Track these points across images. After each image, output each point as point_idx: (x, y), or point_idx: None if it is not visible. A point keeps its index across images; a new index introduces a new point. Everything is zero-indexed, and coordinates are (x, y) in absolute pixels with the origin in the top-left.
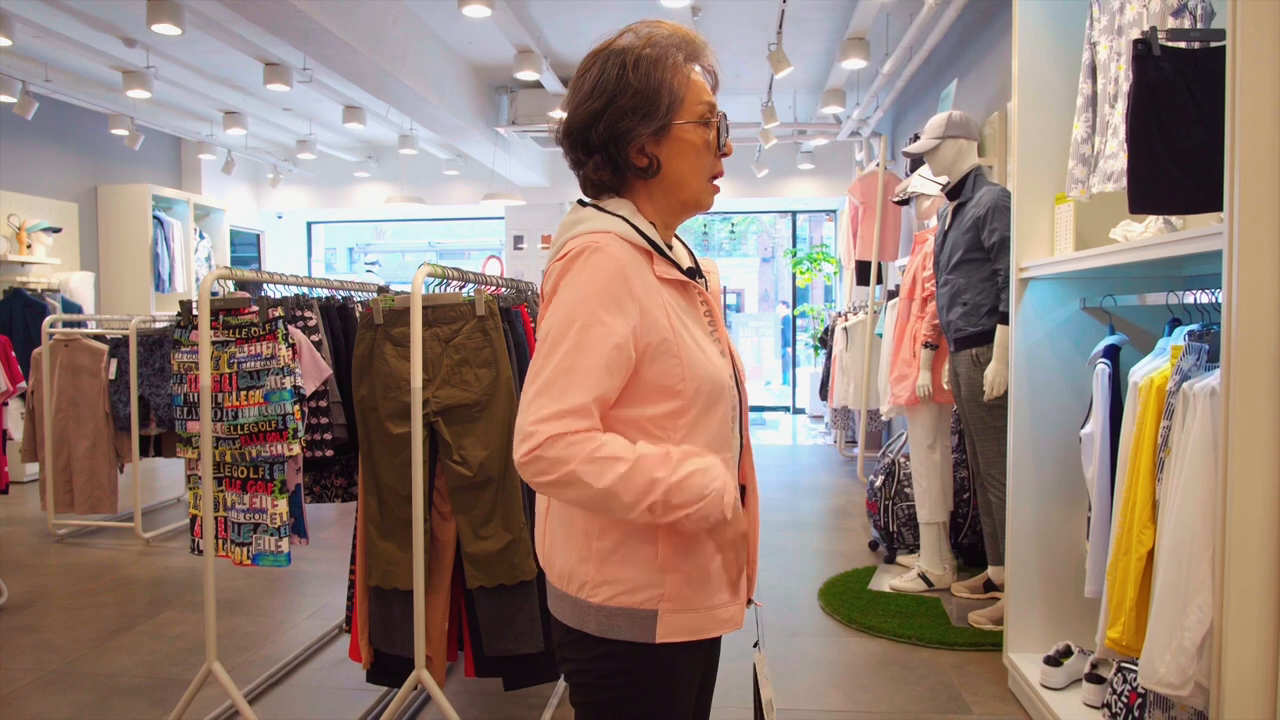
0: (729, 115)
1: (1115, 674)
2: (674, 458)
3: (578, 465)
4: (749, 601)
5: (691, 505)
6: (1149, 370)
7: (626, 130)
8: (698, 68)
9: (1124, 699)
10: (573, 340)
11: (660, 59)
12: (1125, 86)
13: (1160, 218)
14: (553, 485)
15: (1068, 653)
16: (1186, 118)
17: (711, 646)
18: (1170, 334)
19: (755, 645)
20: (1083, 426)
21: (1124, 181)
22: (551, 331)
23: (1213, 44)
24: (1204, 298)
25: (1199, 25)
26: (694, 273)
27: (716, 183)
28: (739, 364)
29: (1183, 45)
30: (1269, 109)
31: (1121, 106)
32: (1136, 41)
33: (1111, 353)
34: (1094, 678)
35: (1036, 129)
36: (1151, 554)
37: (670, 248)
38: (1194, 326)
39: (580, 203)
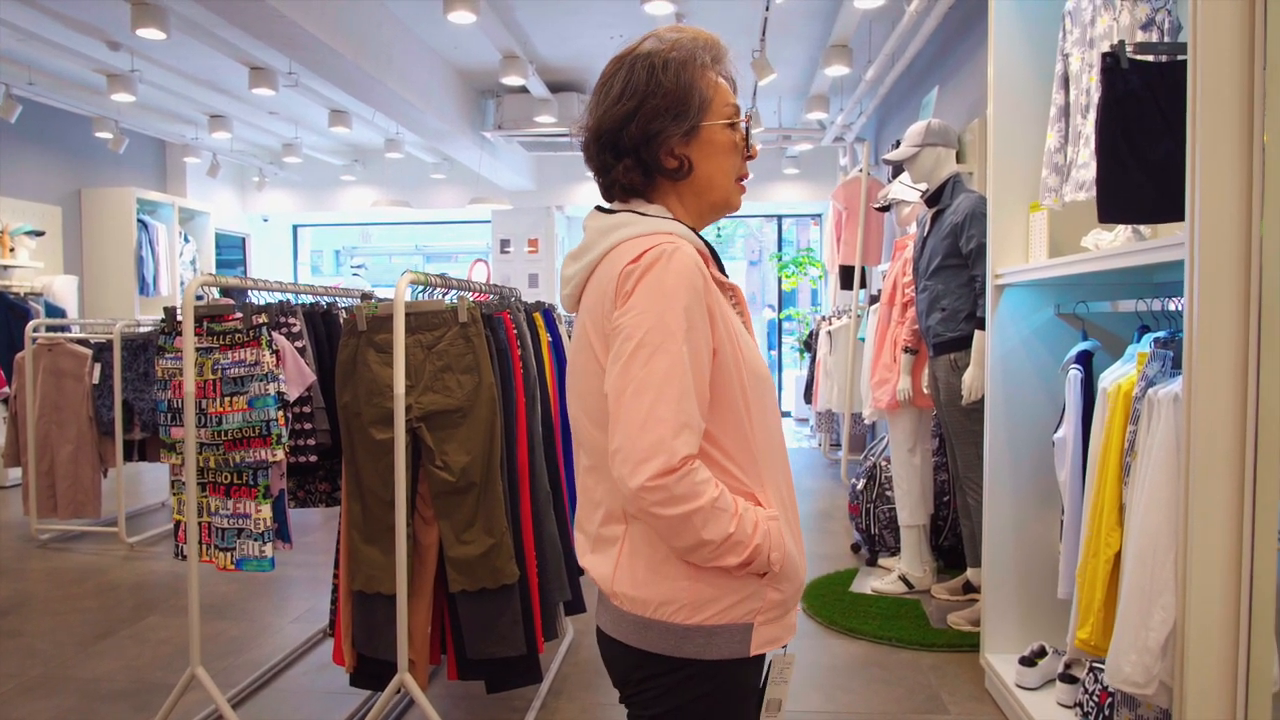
0: None
1: (1087, 674)
2: (747, 520)
3: (705, 505)
4: None
5: (750, 565)
6: (1117, 377)
7: (659, 131)
8: (721, 71)
9: (1095, 698)
10: (672, 355)
11: (688, 61)
12: (1097, 98)
13: (1129, 227)
14: (674, 520)
15: (1042, 653)
16: (1154, 129)
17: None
18: (1139, 341)
19: (784, 648)
20: (1056, 431)
21: (1095, 191)
22: (646, 342)
23: (1179, 57)
24: (1173, 305)
25: (1166, 39)
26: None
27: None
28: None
29: (1150, 58)
30: (1228, 121)
31: (1093, 117)
32: (1105, 54)
33: (1084, 358)
34: (1067, 677)
35: (1012, 138)
36: (1119, 556)
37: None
38: (1160, 334)
39: (598, 208)
